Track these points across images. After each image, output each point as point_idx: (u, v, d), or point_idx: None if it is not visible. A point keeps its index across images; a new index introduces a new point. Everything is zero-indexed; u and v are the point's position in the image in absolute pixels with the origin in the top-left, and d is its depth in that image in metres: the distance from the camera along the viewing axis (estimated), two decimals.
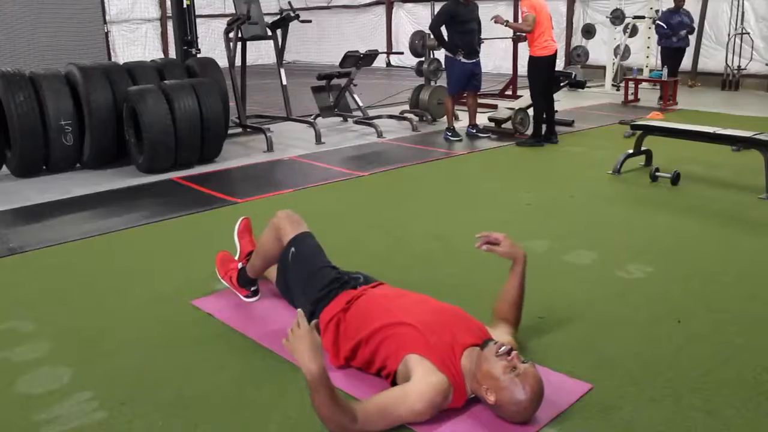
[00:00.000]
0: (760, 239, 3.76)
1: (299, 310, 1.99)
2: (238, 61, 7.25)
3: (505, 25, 6.72)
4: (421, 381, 2.02)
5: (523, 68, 7.57)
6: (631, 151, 5.48)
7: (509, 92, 10.11)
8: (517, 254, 2.53)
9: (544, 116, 6.65)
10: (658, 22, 9.75)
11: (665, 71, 9.33)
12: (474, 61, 6.85)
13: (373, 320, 2.29)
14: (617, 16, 10.31)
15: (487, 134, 7.15)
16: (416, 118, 7.90)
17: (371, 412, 1.95)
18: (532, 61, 6.55)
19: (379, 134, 7.20)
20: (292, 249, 2.71)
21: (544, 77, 6.56)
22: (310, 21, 8.32)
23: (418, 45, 8.34)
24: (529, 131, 7.21)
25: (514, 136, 7.14)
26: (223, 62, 6.84)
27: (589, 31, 10.86)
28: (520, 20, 7.04)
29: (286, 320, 2.81)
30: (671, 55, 9.67)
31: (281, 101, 7.47)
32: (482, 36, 7.15)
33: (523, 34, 6.94)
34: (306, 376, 1.88)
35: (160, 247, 3.82)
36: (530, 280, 3.20)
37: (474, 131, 7.18)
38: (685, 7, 9.73)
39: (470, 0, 6.80)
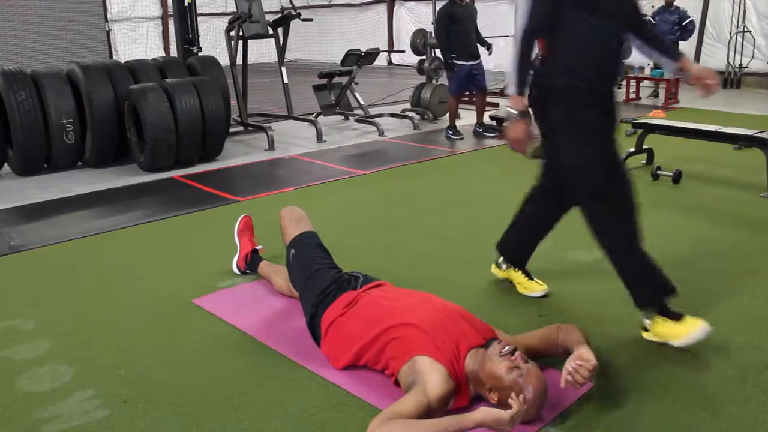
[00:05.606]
0: (761, 237, 3.76)
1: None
2: (239, 60, 7.25)
3: None
4: (436, 387, 1.98)
5: None
6: (632, 149, 5.48)
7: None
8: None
9: None
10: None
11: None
12: (473, 63, 6.77)
13: (376, 322, 2.25)
14: None
15: (494, 133, 7.11)
16: (417, 117, 7.90)
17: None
18: None
19: (381, 133, 7.20)
20: (292, 251, 2.70)
21: None
22: (311, 19, 8.31)
23: (420, 43, 8.34)
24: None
25: None
26: (224, 61, 6.84)
27: None
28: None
29: (287, 318, 2.82)
30: None
31: (282, 100, 7.47)
32: (482, 35, 7.01)
33: None
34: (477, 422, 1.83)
35: (161, 245, 3.82)
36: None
37: (480, 130, 7.17)
38: (681, 5, 9.70)
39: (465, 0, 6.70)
